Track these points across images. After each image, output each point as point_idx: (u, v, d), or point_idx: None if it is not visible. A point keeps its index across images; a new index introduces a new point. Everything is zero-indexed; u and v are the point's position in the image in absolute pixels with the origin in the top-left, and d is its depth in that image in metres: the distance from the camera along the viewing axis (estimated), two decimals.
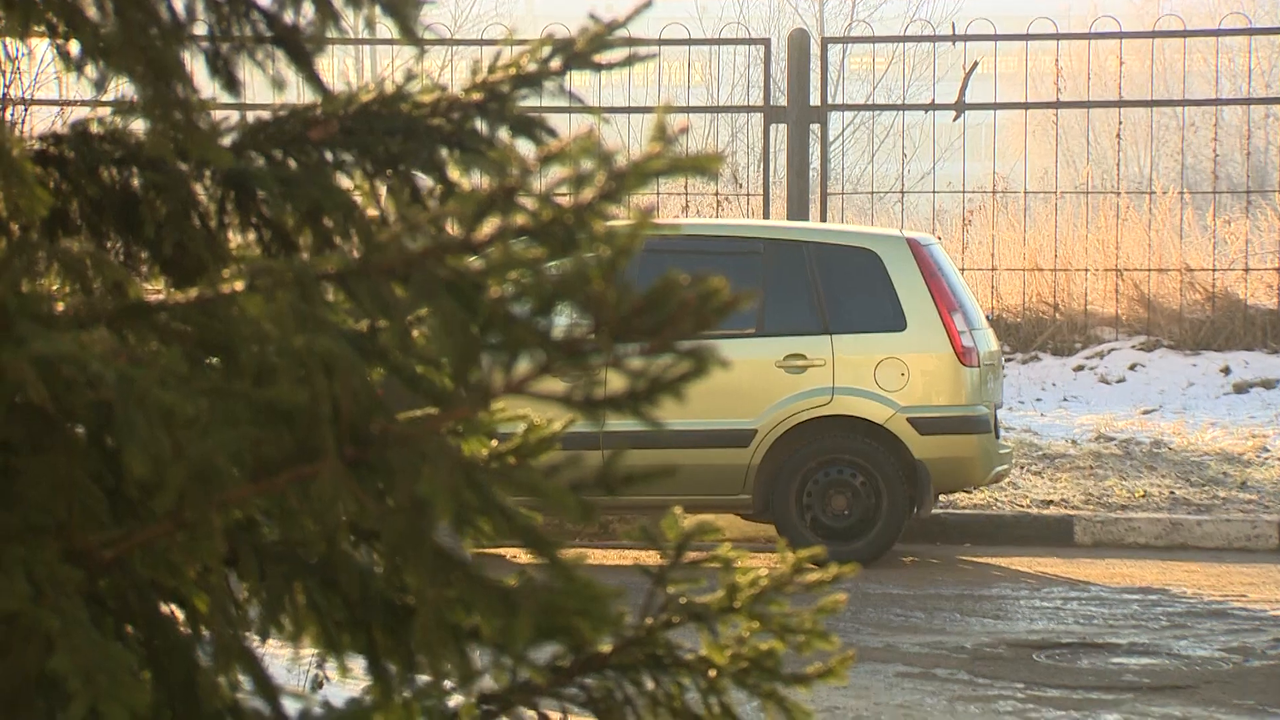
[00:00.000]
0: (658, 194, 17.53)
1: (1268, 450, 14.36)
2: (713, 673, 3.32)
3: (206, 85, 2.86)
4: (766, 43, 18.67)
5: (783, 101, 18.37)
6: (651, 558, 3.47)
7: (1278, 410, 16.14)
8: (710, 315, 2.77)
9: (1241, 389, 16.93)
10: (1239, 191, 19.16)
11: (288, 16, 2.85)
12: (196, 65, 2.84)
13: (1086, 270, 18.16)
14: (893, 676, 8.65)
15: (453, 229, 2.82)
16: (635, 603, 3.40)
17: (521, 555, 9.96)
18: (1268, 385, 16.92)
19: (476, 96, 3.11)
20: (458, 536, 2.93)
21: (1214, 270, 17.92)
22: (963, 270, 13.86)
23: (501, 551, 10.34)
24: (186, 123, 2.72)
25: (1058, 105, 18.40)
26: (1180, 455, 14.31)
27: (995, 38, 18.28)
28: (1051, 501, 12.99)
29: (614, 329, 2.75)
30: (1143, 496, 12.99)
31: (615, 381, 2.89)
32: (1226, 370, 17.21)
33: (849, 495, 11.64)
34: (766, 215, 17.95)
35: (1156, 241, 18.29)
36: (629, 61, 3.09)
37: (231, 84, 2.82)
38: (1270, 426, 15.36)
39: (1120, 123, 18.49)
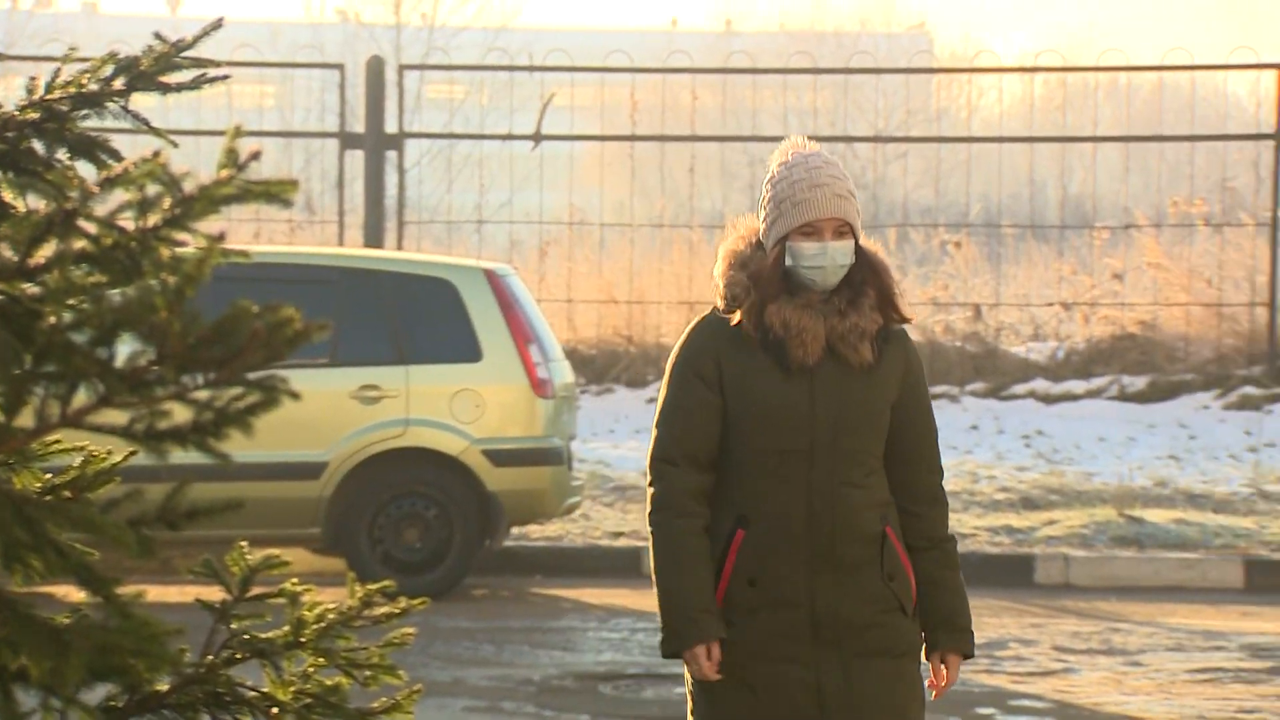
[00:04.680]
0: (228, 220, 17.26)
1: None
2: (275, 710, 3.25)
3: None
4: (341, 68, 18.55)
5: (359, 128, 18.29)
6: (215, 593, 3.39)
7: None
8: (281, 346, 2.71)
9: None
10: None
11: None
12: None
13: (661, 303, 18.48)
14: (460, 710, 8.65)
15: (7, 253, 2.71)
16: (198, 640, 3.31)
17: (76, 593, 9.59)
18: None
19: (33, 115, 3.00)
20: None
21: None
22: (539, 301, 13.96)
23: (54, 589, 9.97)
24: None
25: (633, 138, 18.71)
26: None
27: (572, 69, 18.50)
28: (622, 533, 13.15)
29: (180, 360, 2.67)
30: None
31: (181, 413, 2.79)
32: None
33: (421, 528, 11.60)
34: (341, 243, 17.81)
35: None
36: (198, 83, 3.01)
37: None
38: None
39: (694, 157, 18.88)
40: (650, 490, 4.53)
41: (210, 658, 3.26)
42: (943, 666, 4.54)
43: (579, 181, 19.38)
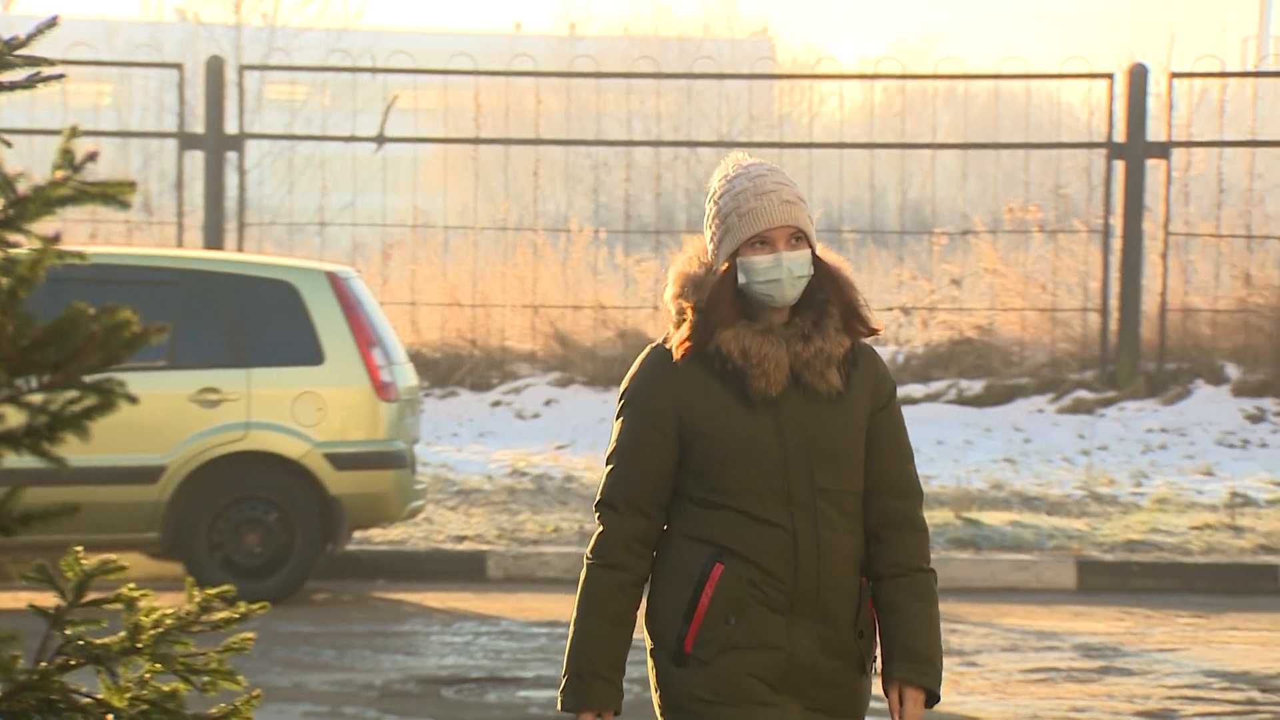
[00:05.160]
0: (63, 221, 17.03)
1: None
2: (110, 717, 3.22)
3: None
4: (180, 67, 18.37)
5: (198, 128, 18.12)
6: (50, 599, 3.35)
7: None
8: (119, 348, 2.69)
9: None
10: (649, 231, 19.85)
11: None
12: None
13: (505, 306, 18.47)
14: (300, 716, 8.60)
15: None
16: (31, 646, 3.27)
17: None
18: None
19: None
20: None
21: (625, 308, 18.48)
22: (382, 304, 13.90)
23: None
24: None
25: (477, 141, 18.69)
26: (591, 490, 14.67)
27: (415, 71, 18.45)
28: (466, 537, 13.12)
29: (13, 362, 2.64)
30: (554, 531, 13.26)
31: (14, 416, 2.76)
32: None
33: (261, 532, 11.52)
34: (180, 245, 17.65)
35: (572, 279, 18.75)
36: (32, 82, 2.98)
37: None
38: None
39: (538, 160, 18.89)
40: (595, 531, 4.17)
41: (44, 664, 3.22)
42: (899, 702, 4.08)
43: (422, 184, 19.32)
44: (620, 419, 4.15)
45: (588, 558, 4.15)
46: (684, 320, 4.10)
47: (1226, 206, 18.13)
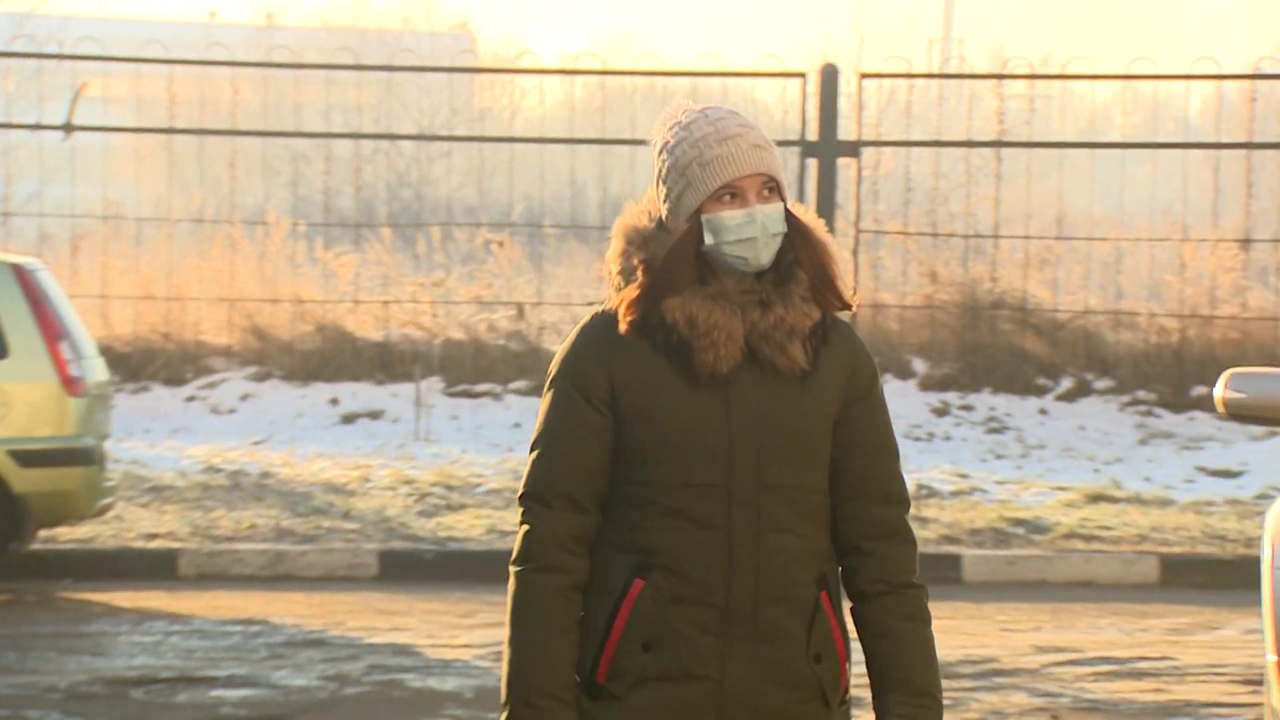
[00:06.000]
0: None
1: (371, 480, 14.77)
2: None
3: None
4: None
5: None
6: None
7: (382, 440, 16.66)
8: None
9: (349, 420, 17.39)
10: (349, 225, 19.69)
11: None
12: None
13: (200, 300, 18.18)
14: None
15: None
16: None
17: None
18: (374, 416, 17.45)
19: None
20: None
21: (325, 302, 18.31)
22: (71, 297, 13.57)
23: None
24: None
25: (170, 131, 18.36)
26: (288, 486, 14.51)
27: (104, 59, 18.06)
28: (157, 534, 12.88)
29: None
30: (249, 528, 13.08)
31: None
32: (336, 401, 17.63)
33: None
34: None
35: (269, 272, 18.53)
36: None
37: None
38: (374, 457, 15.82)
39: (235, 151, 18.62)
40: (518, 531, 3.54)
41: None
42: None
43: (114, 174, 18.96)
44: (550, 397, 3.51)
45: (514, 565, 3.52)
46: (633, 281, 3.47)
47: (913, 205, 18.57)
